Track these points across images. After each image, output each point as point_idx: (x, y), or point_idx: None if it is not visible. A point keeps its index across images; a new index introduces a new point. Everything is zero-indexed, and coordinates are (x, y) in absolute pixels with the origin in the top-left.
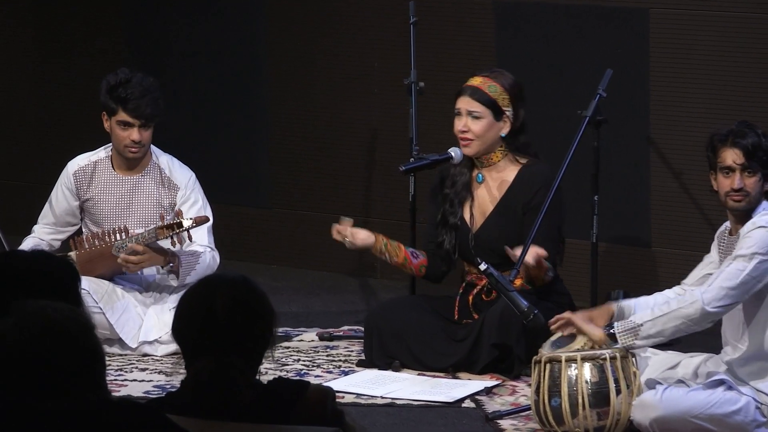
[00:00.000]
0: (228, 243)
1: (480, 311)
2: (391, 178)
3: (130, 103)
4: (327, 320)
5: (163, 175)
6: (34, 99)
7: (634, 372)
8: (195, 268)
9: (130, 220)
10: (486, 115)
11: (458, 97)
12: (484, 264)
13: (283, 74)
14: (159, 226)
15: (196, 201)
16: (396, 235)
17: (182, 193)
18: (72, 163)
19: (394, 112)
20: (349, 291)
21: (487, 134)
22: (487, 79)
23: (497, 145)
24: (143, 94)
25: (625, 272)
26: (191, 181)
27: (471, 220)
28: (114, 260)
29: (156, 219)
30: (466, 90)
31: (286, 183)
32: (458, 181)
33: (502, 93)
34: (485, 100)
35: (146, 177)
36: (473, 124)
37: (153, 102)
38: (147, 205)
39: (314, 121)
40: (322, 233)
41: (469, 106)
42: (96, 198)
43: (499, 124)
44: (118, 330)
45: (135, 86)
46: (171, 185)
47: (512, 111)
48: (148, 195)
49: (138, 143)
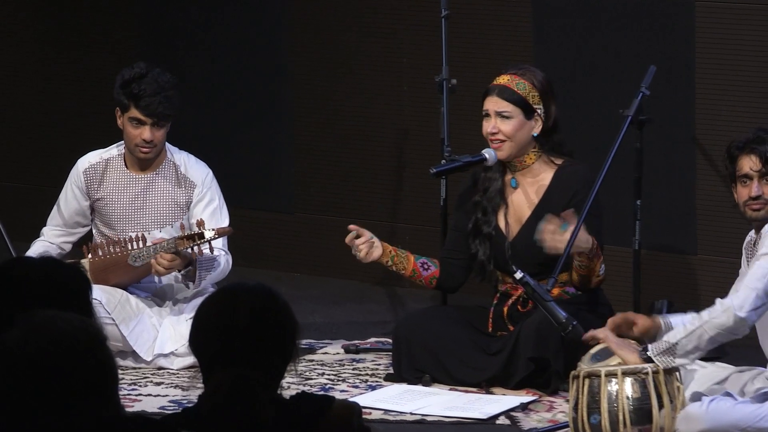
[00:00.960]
0: (247, 250)
1: (515, 323)
2: (421, 182)
3: (143, 100)
4: (353, 332)
5: (178, 172)
6: (41, 96)
7: (677, 387)
8: (210, 272)
9: (143, 221)
10: (516, 115)
11: (485, 98)
12: (520, 272)
13: (307, 70)
14: (179, 237)
15: (212, 200)
16: (426, 241)
17: (199, 190)
18: (82, 160)
19: (424, 112)
20: (376, 301)
21: (519, 134)
22: (515, 77)
23: (530, 146)
24: (157, 91)
25: (670, 281)
26: (208, 178)
27: (506, 228)
28: (129, 270)
29: (171, 219)
30: (492, 89)
31: (309, 186)
32: (490, 187)
33: (532, 90)
34: (514, 99)
35: (160, 175)
36: (503, 124)
37: (167, 100)
38: (161, 205)
39: (339, 120)
40: None
41: (497, 107)
42: (107, 198)
43: (531, 123)
44: (132, 342)
45: (149, 82)
46: (187, 182)
47: (543, 108)
48: (162, 194)
49: (149, 143)
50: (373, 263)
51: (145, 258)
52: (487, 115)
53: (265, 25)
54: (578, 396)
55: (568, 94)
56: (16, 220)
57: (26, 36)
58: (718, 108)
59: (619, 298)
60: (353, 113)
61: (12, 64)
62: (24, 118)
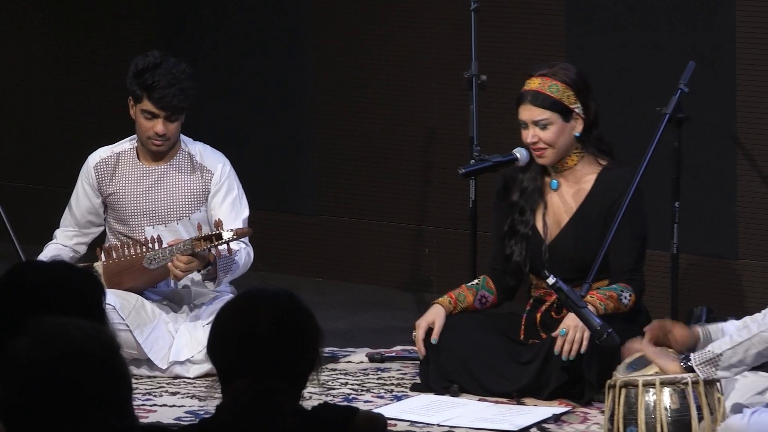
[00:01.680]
0: (268, 254)
1: (549, 330)
2: (450, 182)
3: (156, 92)
4: (378, 339)
5: (194, 161)
6: (52, 93)
7: (718, 398)
8: (231, 268)
9: (159, 214)
10: (554, 120)
11: (519, 106)
12: (553, 277)
13: (330, 66)
14: (196, 238)
15: (230, 189)
16: (454, 245)
17: (217, 178)
18: (93, 155)
19: (452, 109)
20: (402, 307)
21: (560, 139)
22: (546, 79)
23: (573, 147)
24: (171, 82)
25: (709, 287)
26: (226, 167)
27: (544, 229)
28: (144, 273)
29: (188, 210)
30: (525, 96)
31: (332, 187)
32: (528, 186)
33: (566, 90)
34: (549, 104)
35: (174, 166)
36: (543, 133)
37: (181, 92)
38: (176, 196)
39: (364, 118)
40: (372, 243)
41: (532, 116)
42: (120, 191)
43: (571, 124)
44: (147, 349)
45: (163, 73)
46: (204, 170)
47: (581, 106)
48: (178, 184)
49: (162, 136)
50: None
51: (161, 260)
52: (524, 124)
53: (287, 17)
54: (614, 407)
55: (603, 91)
56: (26, 222)
57: (36, 30)
58: (760, 105)
59: (656, 305)
60: (378, 111)
61: (22, 58)
62: (34, 116)
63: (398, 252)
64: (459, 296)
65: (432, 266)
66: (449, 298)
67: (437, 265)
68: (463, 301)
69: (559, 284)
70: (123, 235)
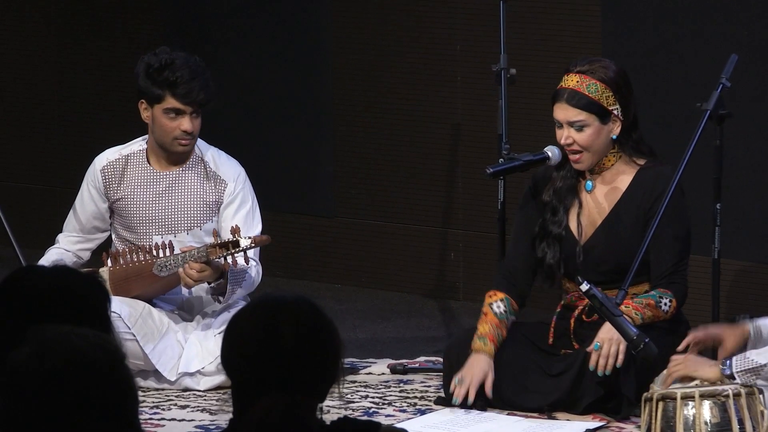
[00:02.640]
0: (283, 257)
1: (581, 340)
2: (477, 183)
3: (180, 87)
4: (400, 350)
5: (208, 168)
6: (56, 90)
7: (761, 411)
8: (241, 285)
9: (168, 222)
10: (591, 122)
11: (554, 104)
12: (586, 284)
13: (350, 59)
14: (211, 245)
15: (245, 200)
16: (481, 249)
17: (231, 189)
18: (100, 158)
19: (479, 105)
20: (426, 315)
21: (597, 142)
22: (584, 77)
23: (609, 149)
24: (192, 76)
25: (753, 293)
26: (241, 177)
27: (579, 230)
28: (154, 280)
29: (199, 220)
30: (561, 95)
31: (352, 188)
32: (561, 186)
33: (605, 90)
34: (586, 104)
35: (188, 171)
36: (578, 135)
37: (205, 85)
38: (188, 204)
39: (385, 114)
40: (394, 247)
41: (568, 116)
42: (128, 197)
43: (609, 126)
44: (155, 360)
45: (182, 67)
46: (218, 180)
47: (620, 108)
48: (190, 191)
49: (190, 134)
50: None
51: (172, 267)
52: (559, 124)
53: (305, 10)
54: (651, 421)
55: (640, 86)
56: (27, 225)
57: (40, 27)
58: None
59: (696, 313)
60: (400, 107)
61: (25, 55)
62: (37, 114)
63: (422, 256)
64: (498, 336)
65: (458, 272)
66: (491, 343)
67: (463, 271)
68: (501, 341)
69: (593, 291)
70: (129, 242)
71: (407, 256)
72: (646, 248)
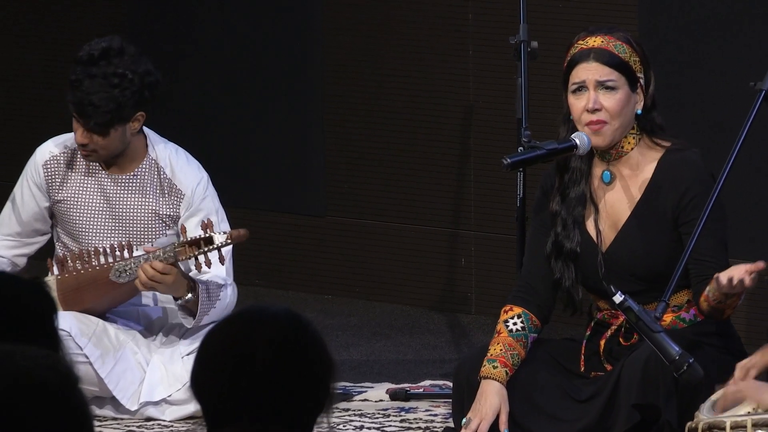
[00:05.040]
0: (263, 263)
1: (615, 361)
2: (492, 176)
3: (75, 94)
4: (401, 372)
5: (162, 175)
6: None
7: None
8: (215, 305)
9: (115, 235)
10: (622, 85)
11: (575, 67)
12: (620, 294)
13: (344, 30)
14: (180, 243)
15: (208, 214)
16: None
17: (188, 201)
18: (42, 150)
19: (495, 83)
20: (431, 331)
21: (625, 112)
22: (609, 38)
23: (630, 128)
24: (98, 88)
25: None
26: (201, 186)
27: (598, 236)
28: (111, 288)
29: (151, 235)
30: (585, 54)
31: (345, 181)
32: (570, 191)
33: (633, 54)
34: (617, 63)
35: (138, 177)
36: (607, 98)
37: (106, 103)
38: (138, 216)
39: (384, 96)
40: (394, 251)
41: (598, 74)
42: (70, 201)
43: (635, 98)
44: (112, 386)
45: (93, 74)
46: (173, 190)
47: (645, 78)
48: (139, 202)
49: (84, 146)
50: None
51: (133, 272)
52: (582, 87)
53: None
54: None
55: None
56: None
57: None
58: None
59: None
60: (401, 87)
61: None
62: None
63: (427, 263)
64: (512, 358)
65: (470, 280)
66: (503, 366)
67: (476, 279)
68: (517, 362)
69: (629, 303)
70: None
71: (410, 262)
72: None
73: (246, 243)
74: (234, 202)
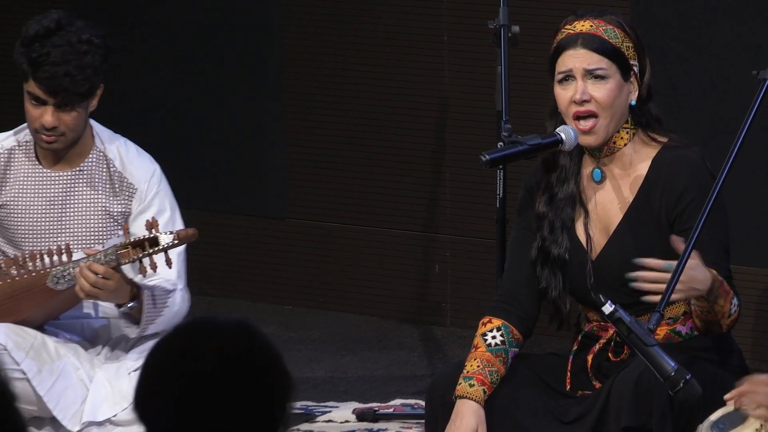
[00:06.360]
0: (217, 270)
1: (604, 378)
2: (469, 174)
3: (42, 69)
4: (369, 390)
5: (111, 168)
6: None
7: None
8: (162, 312)
9: (62, 238)
10: (613, 74)
11: (561, 54)
12: (610, 304)
13: (304, 15)
14: (123, 244)
15: (162, 208)
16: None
17: (141, 196)
18: None
19: (472, 72)
20: (403, 346)
21: (617, 104)
22: (599, 22)
23: (624, 121)
24: (66, 57)
25: None
26: (155, 179)
27: (588, 241)
28: (49, 297)
29: (101, 235)
30: (572, 40)
31: (307, 180)
32: (558, 192)
33: (625, 39)
34: (608, 50)
35: (85, 172)
36: (597, 88)
37: (78, 71)
38: (87, 216)
39: (349, 86)
40: (361, 257)
41: (587, 62)
42: (12, 204)
43: (628, 88)
44: (52, 405)
45: (57, 43)
46: (124, 185)
47: (639, 66)
48: (88, 200)
49: (52, 130)
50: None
51: (73, 278)
52: (569, 77)
53: None
54: None
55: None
56: None
57: None
58: None
59: (754, 342)
60: (368, 76)
61: None
62: None
63: (398, 269)
64: (491, 375)
65: (444, 289)
66: (480, 385)
67: (452, 288)
68: (496, 380)
69: (620, 313)
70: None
71: (378, 268)
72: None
73: (197, 247)
74: (184, 202)
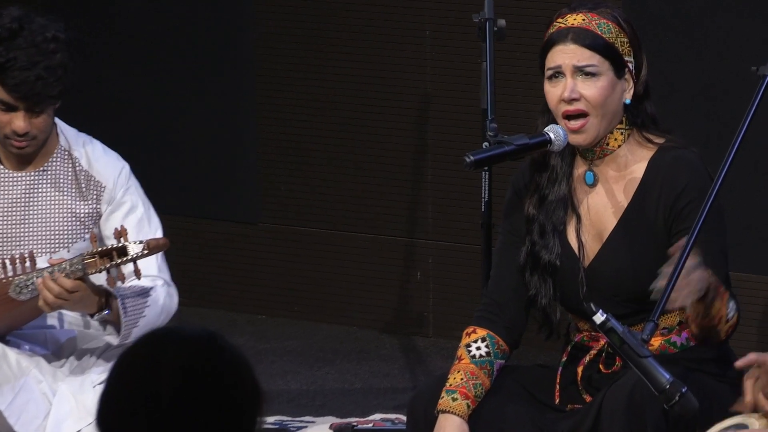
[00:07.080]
0: (187, 278)
1: (595, 391)
2: (452, 175)
3: (11, 75)
4: (348, 404)
5: (77, 168)
6: None
7: None
8: (144, 314)
9: (26, 243)
10: (604, 71)
11: (551, 50)
12: (602, 313)
13: (278, 8)
14: (90, 253)
15: (134, 207)
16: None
17: (109, 195)
18: None
19: (456, 69)
20: (383, 357)
21: (609, 102)
22: (592, 15)
23: (618, 121)
24: (33, 60)
25: None
26: (123, 175)
27: (580, 248)
28: (10, 307)
29: (68, 239)
30: (562, 35)
31: (281, 183)
32: (549, 194)
33: (620, 34)
34: (600, 45)
35: (50, 172)
36: (588, 86)
37: (48, 73)
38: (53, 218)
39: (328, 83)
40: (339, 264)
41: (576, 58)
42: None
43: (622, 85)
44: (12, 420)
45: (23, 46)
46: (91, 183)
47: (635, 63)
48: (53, 202)
49: (24, 135)
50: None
51: (35, 288)
52: (558, 74)
53: None
54: None
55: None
56: None
57: None
58: None
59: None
60: (345, 73)
61: None
62: None
63: (377, 277)
64: (475, 388)
65: (427, 297)
66: (463, 398)
67: (434, 296)
68: (480, 393)
69: (612, 323)
70: None
71: (357, 276)
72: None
73: (166, 253)
74: (153, 207)
